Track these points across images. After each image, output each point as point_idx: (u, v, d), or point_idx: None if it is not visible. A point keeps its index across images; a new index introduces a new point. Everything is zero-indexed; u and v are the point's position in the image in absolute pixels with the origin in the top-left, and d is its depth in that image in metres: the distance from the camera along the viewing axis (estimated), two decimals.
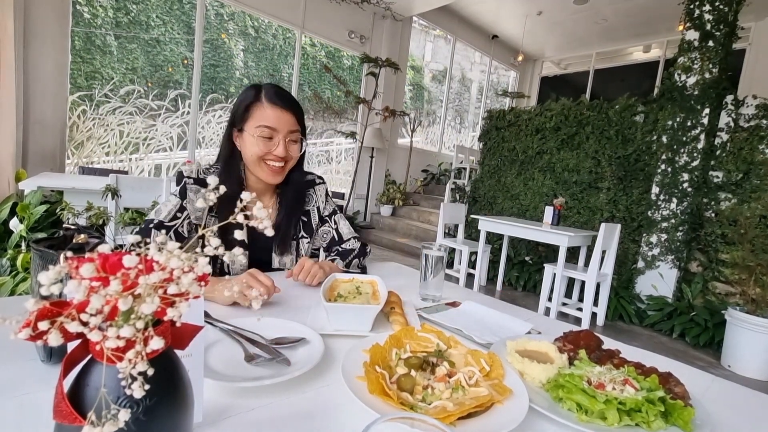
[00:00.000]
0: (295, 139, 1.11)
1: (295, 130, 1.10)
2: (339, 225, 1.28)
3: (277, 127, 1.06)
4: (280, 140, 1.07)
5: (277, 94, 1.08)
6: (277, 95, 1.08)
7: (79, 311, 0.27)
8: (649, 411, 0.51)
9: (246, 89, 1.11)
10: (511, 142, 4.74)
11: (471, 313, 0.93)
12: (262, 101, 1.07)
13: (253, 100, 1.07)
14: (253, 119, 1.07)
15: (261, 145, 1.06)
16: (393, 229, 6.30)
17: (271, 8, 5.40)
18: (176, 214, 1.05)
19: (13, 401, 0.46)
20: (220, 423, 0.46)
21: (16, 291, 1.71)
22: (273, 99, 1.07)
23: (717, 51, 3.31)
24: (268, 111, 1.06)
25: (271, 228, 0.34)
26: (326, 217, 1.28)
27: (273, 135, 1.07)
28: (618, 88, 6.90)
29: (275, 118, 1.06)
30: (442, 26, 7.52)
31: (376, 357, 0.59)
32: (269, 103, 1.07)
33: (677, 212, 3.45)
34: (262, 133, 1.06)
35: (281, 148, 1.07)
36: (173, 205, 1.06)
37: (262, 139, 1.06)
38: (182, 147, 5.13)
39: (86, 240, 0.54)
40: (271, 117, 1.06)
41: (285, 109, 1.08)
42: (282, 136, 1.07)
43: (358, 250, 1.22)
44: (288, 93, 1.12)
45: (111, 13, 4.44)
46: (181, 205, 1.06)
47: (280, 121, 1.07)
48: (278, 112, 1.07)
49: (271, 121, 1.06)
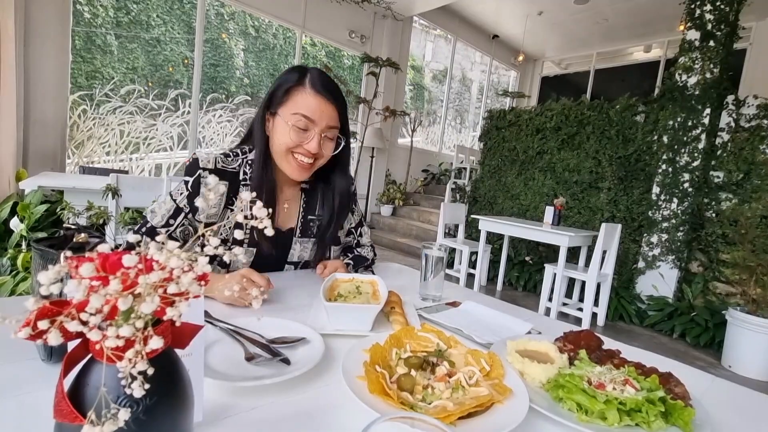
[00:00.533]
0: (331, 136, 0.99)
1: (334, 126, 0.98)
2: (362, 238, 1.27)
3: (315, 118, 0.94)
4: (316, 134, 0.95)
5: (323, 83, 0.96)
6: (323, 83, 0.96)
7: (79, 310, 0.27)
8: (649, 411, 0.51)
9: (289, 70, 0.98)
10: (511, 142, 4.74)
11: (471, 313, 0.93)
12: (305, 86, 0.95)
13: (295, 84, 0.95)
14: (290, 104, 0.95)
15: (293, 135, 0.95)
16: (393, 229, 6.30)
17: (272, 8, 5.40)
18: (169, 220, 0.95)
19: (13, 400, 0.46)
20: (221, 422, 0.46)
21: (16, 290, 1.72)
22: (318, 86, 0.95)
23: (718, 51, 3.31)
24: (310, 99, 0.94)
25: (271, 228, 0.34)
26: (352, 229, 1.25)
27: (309, 127, 0.95)
28: (619, 88, 6.90)
29: (316, 108, 0.94)
30: (442, 26, 7.51)
31: (377, 357, 0.59)
32: (313, 90, 0.95)
33: (678, 212, 3.45)
34: (298, 122, 0.94)
35: (314, 143, 0.95)
36: (166, 210, 0.96)
37: (296, 129, 0.94)
38: (183, 147, 5.13)
39: (86, 239, 0.54)
40: (312, 106, 0.94)
41: (329, 101, 0.96)
42: (319, 129, 0.95)
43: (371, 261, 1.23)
44: (335, 84, 1.00)
45: (111, 12, 4.45)
46: (177, 208, 0.96)
47: (320, 113, 0.95)
48: (321, 103, 0.95)
49: (310, 111, 0.94)
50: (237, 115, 5.58)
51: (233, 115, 5.55)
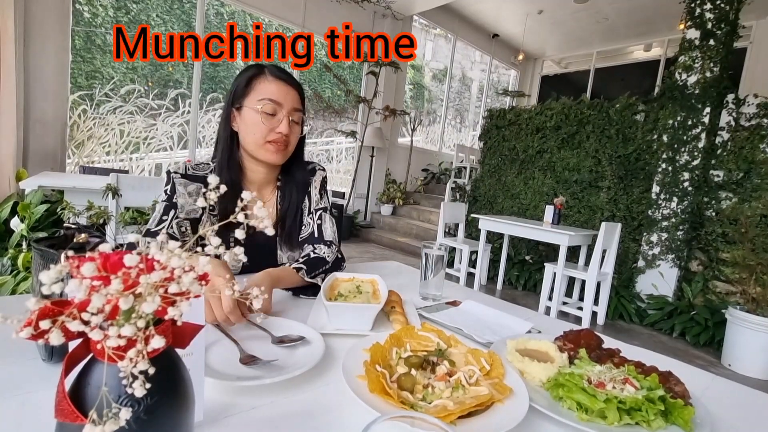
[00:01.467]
0: (297, 119, 1.04)
1: (298, 109, 1.04)
2: (324, 224, 1.12)
3: (281, 101, 1.00)
4: (284, 116, 1.01)
5: (280, 70, 1.03)
6: (280, 70, 1.03)
7: (80, 310, 0.27)
8: (649, 410, 0.51)
9: (245, 68, 1.04)
10: (511, 141, 4.74)
11: (471, 312, 0.93)
12: (266, 74, 1.02)
13: (255, 74, 1.02)
14: (255, 93, 1.00)
15: (264, 120, 0.99)
16: (393, 229, 6.30)
17: (271, 7, 5.39)
18: (161, 217, 1.00)
19: (14, 400, 0.46)
20: (221, 422, 0.47)
21: (17, 290, 1.72)
22: (277, 73, 1.02)
23: (718, 50, 3.30)
24: (272, 84, 1.00)
25: (271, 227, 0.34)
26: (314, 210, 1.15)
27: (276, 110, 1.00)
28: (619, 87, 6.90)
29: (279, 91, 1.00)
30: (442, 25, 7.51)
31: (377, 356, 0.59)
32: (273, 77, 1.01)
33: (678, 211, 3.45)
34: (265, 107, 0.99)
35: (284, 125, 1.00)
36: (158, 211, 1.01)
37: (265, 114, 0.99)
38: (183, 146, 5.13)
39: (87, 239, 0.54)
40: (275, 90, 1.00)
41: (290, 84, 1.02)
42: (286, 111, 1.01)
43: (330, 265, 1.02)
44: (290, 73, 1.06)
45: (111, 12, 4.45)
46: (166, 205, 1.01)
47: (284, 96, 1.00)
48: (283, 87, 1.01)
49: (275, 94, 0.99)
50: None
51: None
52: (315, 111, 6.41)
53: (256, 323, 0.71)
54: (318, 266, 0.99)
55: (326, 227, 1.12)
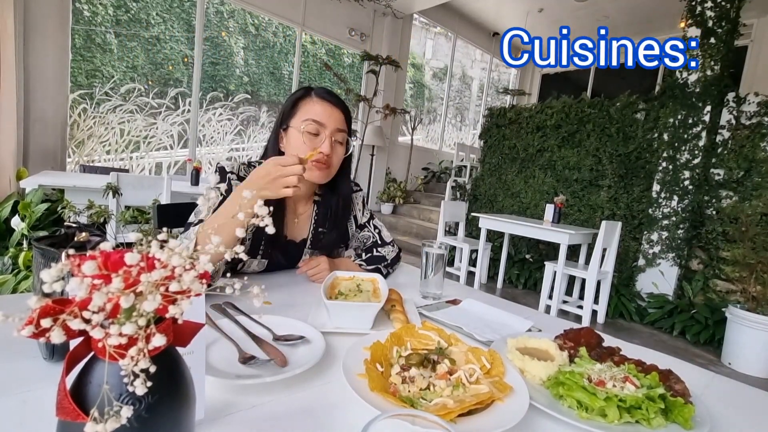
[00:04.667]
0: (341, 140, 1.08)
1: (342, 130, 1.07)
2: (381, 230, 1.26)
3: (324, 122, 1.03)
4: (326, 137, 1.04)
5: (327, 92, 1.08)
6: (327, 92, 1.08)
7: (81, 309, 0.27)
8: (649, 408, 0.51)
9: (295, 90, 1.10)
10: (511, 140, 4.73)
11: (471, 311, 0.93)
12: (312, 96, 1.06)
13: (302, 96, 1.06)
14: (300, 113, 1.05)
15: (306, 140, 1.02)
16: (394, 227, 6.30)
17: (272, 6, 5.38)
18: None
19: (16, 398, 0.46)
20: (222, 420, 0.47)
21: (18, 289, 1.72)
22: (323, 95, 1.06)
23: (719, 48, 3.30)
24: (317, 105, 1.04)
25: (272, 226, 0.34)
26: (365, 222, 1.26)
27: (320, 131, 1.04)
28: (619, 85, 6.88)
29: (323, 112, 1.04)
30: (442, 23, 7.49)
31: (377, 354, 0.59)
32: (318, 98, 1.05)
33: (678, 210, 3.45)
34: (309, 128, 1.02)
35: (327, 145, 1.03)
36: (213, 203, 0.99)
37: (308, 134, 1.03)
38: (183, 145, 5.13)
39: (87, 238, 0.54)
40: (319, 111, 1.04)
41: (335, 106, 1.06)
42: (329, 132, 1.04)
43: (392, 260, 1.19)
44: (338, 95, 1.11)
45: (111, 11, 4.44)
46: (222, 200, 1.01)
47: (328, 117, 1.04)
48: (327, 108, 1.05)
49: (319, 115, 1.03)
50: (237, 114, 5.58)
51: (233, 113, 5.54)
52: None
53: (258, 321, 0.72)
54: (377, 262, 1.15)
55: (384, 233, 1.26)
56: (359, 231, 1.26)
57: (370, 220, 1.27)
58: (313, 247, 1.16)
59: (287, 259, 1.13)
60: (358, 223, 1.26)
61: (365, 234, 1.25)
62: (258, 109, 5.81)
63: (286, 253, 1.13)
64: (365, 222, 1.26)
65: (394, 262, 1.21)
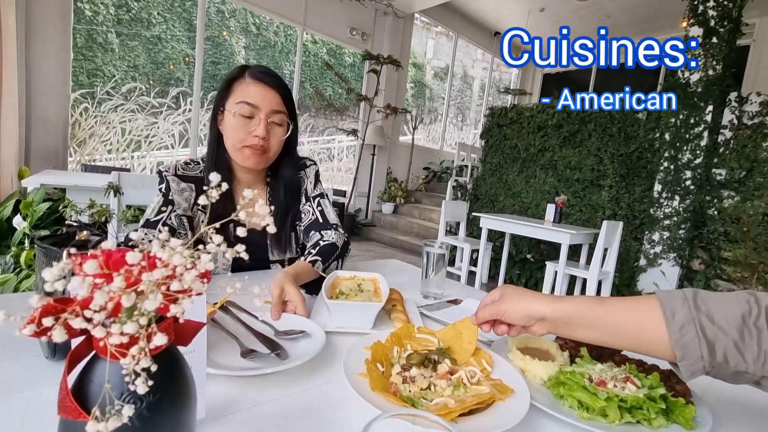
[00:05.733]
0: (279, 121, 1.02)
1: (279, 111, 1.02)
2: (325, 209, 1.14)
3: (258, 104, 0.99)
4: (261, 120, 0.99)
5: (261, 71, 1.02)
6: (261, 72, 1.01)
7: (82, 308, 0.27)
8: (650, 408, 0.51)
9: (232, 69, 1.04)
10: (512, 140, 4.73)
11: (472, 310, 0.92)
12: (245, 77, 1.01)
13: (236, 76, 1.01)
14: (234, 96, 1.00)
15: (239, 123, 0.98)
16: (394, 227, 6.30)
17: (273, 5, 5.38)
18: (161, 209, 1.00)
19: (18, 397, 0.46)
20: (223, 419, 0.47)
21: (19, 288, 1.73)
22: (256, 75, 1.01)
23: (721, 47, 3.29)
24: (250, 87, 0.99)
25: (273, 225, 0.34)
26: (312, 197, 1.15)
27: (254, 113, 0.99)
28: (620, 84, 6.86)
29: (257, 94, 0.99)
30: (443, 23, 7.49)
31: (378, 354, 0.59)
32: (252, 79, 1.00)
33: (680, 210, 3.44)
34: (242, 110, 0.98)
35: (261, 128, 0.98)
36: (156, 203, 1.01)
37: (242, 117, 0.98)
38: (184, 144, 5.14)
39: (89, 237, 0.54)
40: (253, 93, 0.99)
41: (269, 86, 1.00)
42: (263, 115, 0.99)
43: (341, 250, 1.04)
44: (275, 72, 1.05)
45: (112, 10, 4.45)
46: (166, 199, 1.01)
47: (262, 98, 0.99)
48: (261, 89, 0.99)
49: (252, 97, 0.98)
50: None
51: None
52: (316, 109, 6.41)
53: (259, 318, 0.72)
54: (331, 254, 1.00)
55: (328, 211, 1.14)
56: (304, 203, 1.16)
57: (318, 197, 1.15)
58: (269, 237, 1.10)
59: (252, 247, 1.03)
60: (307, 196, 1.17)
61: (306, 208, 1.14)
62: None
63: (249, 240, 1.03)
64: (313, 196, 1.16)
65: (344, 251, 1.06)
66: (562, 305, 0.55)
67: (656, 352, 0.50)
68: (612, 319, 0.52)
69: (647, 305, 0.50)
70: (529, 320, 0.57)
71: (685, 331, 0.46)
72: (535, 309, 0.56)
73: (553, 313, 0.55)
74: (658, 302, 0.49)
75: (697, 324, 0.46)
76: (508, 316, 0.58)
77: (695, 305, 0.47)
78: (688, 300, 0.48)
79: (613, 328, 0.52)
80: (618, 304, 0.53)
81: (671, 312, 0.48)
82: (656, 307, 0.49)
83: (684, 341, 0.46)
